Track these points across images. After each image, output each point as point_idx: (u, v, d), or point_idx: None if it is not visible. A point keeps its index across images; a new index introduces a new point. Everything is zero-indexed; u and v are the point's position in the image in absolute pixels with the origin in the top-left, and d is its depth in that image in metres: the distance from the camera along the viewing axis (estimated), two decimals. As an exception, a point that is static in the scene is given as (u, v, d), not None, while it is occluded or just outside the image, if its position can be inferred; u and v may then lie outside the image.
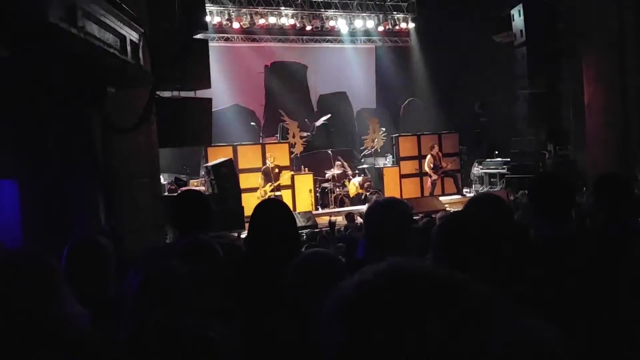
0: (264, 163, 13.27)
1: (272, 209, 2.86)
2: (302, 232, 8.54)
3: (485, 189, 15.30)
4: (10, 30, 3.90)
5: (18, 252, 2.01)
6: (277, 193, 12.90)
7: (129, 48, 5.86)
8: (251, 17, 15.82)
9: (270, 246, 2.62)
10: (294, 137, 15.81)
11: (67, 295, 1.86)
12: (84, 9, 4.50)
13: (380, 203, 2.68)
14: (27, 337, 1.68)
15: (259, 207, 2.84)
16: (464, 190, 15.45)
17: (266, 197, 12.48)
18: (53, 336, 1.70)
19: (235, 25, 15.55)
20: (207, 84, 10.37)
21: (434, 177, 14.74)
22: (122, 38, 5.70)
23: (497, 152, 16.11)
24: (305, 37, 17.00)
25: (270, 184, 12.79)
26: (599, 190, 3.06)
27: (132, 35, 5.97)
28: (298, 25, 16.41)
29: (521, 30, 13.67)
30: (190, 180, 13.13)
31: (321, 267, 2.05)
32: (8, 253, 2.06)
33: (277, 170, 12.92)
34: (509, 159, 15.23)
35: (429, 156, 14.81)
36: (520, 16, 13.68)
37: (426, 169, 14.80)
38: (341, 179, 14.51)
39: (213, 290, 2.23)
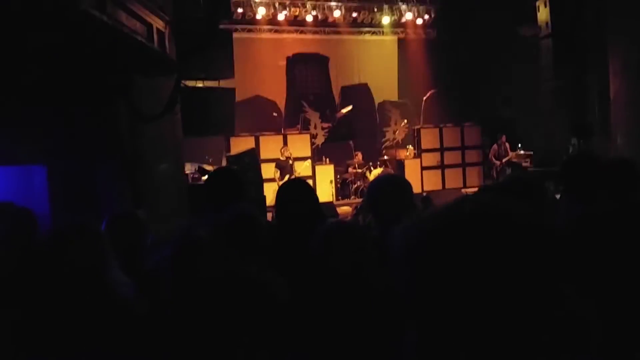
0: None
1: (298, 187, 3.02)
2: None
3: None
4: (42, 17, 3.96)
5: (69, 223, 2.07)
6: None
7: (155, 36, 5.91)
8: (274, 8, 15.82)
9: (297, 218, 2.72)
10: (315, 128, 15.83)
11: (113, 264, 1.91)
12: (112, -3, 4.56)
13: (378, 180, 2.79)
14: (80, 300, 1.73)
15: (285, 188, 2.99)
16: (486, 183, 15.35)
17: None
18: (102, 301, 1.75)
19: (258, 16, 15.57)
20: (230, 74, 10.47)
21: (497, 164, 14.93)
22: (149, 26, 5.75)
23: (520, 145, 15.95)
24: (327, 28, 16.94)
25: (288, 175, 12.82)
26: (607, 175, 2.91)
27: (158, 23, 6.01)
28: (320, 16, 16.36)
29: (546, 22, 13.50)
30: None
31: (346, 232, 2.17)
32: (60, 225, 2.13)
33: (290, 162, 12.95)
34: (532, 152, 15.08)
35: (494, 145, 15.04)
36: (545, 7, 13.51)
37: (491, 158, 15.07)
38: (362, 171, 14.52)
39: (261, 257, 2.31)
